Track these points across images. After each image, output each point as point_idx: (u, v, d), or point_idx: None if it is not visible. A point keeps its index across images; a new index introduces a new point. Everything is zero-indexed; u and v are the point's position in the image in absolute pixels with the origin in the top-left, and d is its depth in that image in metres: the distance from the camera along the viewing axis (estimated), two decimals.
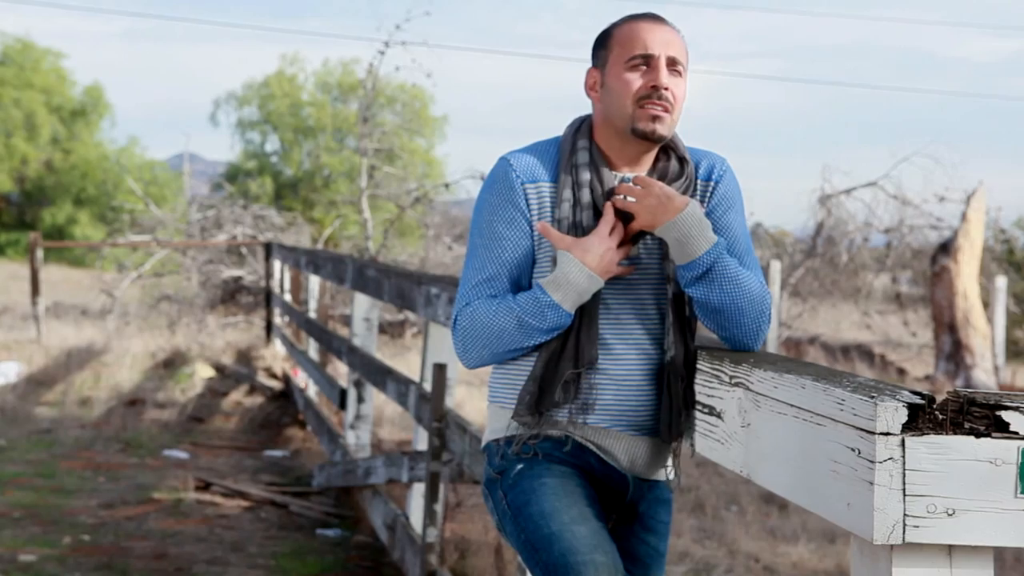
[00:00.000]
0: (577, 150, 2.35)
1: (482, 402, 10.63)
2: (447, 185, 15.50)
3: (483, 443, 2.43)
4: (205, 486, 7.03)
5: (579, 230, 2.30)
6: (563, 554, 2.10)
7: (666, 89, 2.28)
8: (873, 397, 1.69)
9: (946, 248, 13.61)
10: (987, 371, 13.26)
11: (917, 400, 1.68)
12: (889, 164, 16.07)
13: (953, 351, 13.34)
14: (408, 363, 11.30)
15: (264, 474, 7.69)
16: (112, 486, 7.16)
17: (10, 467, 7.66)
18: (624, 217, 2.32)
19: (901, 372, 14.30)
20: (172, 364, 11.59)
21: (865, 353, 15.20)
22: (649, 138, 2.30)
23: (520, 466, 2.31)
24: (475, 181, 14.91)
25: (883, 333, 16.87)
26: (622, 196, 2.30)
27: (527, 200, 2.33)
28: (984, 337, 13.37)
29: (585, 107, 2.47)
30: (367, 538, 6.07)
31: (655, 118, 2.28)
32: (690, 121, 2.46)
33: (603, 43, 2.37)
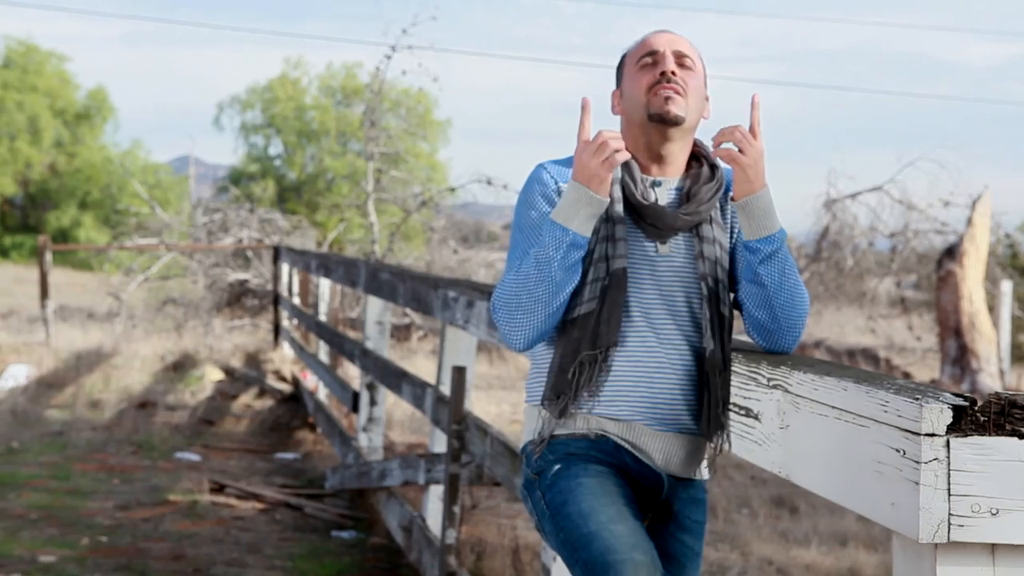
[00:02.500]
0: None
1: (490, 405, 10.66)
2: (453, 189, 15.53)
3: (521, 444, 2.47)
4: (219, 488, 7.06)
5: (611, 225, 2.37)
6: (602, 552, 2.14)
7: (674, 73, 2.39)
8: (918, 399, 1.73)
9: (952, 253, 13.64)
10: (992, 375, 13.29)
11: (960, 402, 1.72)
12: (892, 168, 16.14)
13: (959, 355, 13.37)
14: (415, 366, 11.33)
15: (276, 476, 7.73)
16: (127, 488, 7.20)
17: (24, 469, 7.70)
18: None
19: (906, 376, 14.33)
20: (181, 367, 11.64)
21: (870, 357, 15.24)
22: (665, 118, 2.38)
23: (557, 466, 2.35)
24: (481, 185, 14.96)
25: (887, 337, 16.90)
26: (729, 146, 2.33)
27: (561, 196, 2.40)
28: (989, 341, 13.41)
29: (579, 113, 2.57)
30: (382, 540, 6.10)
31: (667, 99, 2.38)
32: None
33: (620, 66, 2.53)
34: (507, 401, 11.28)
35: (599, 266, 2.34)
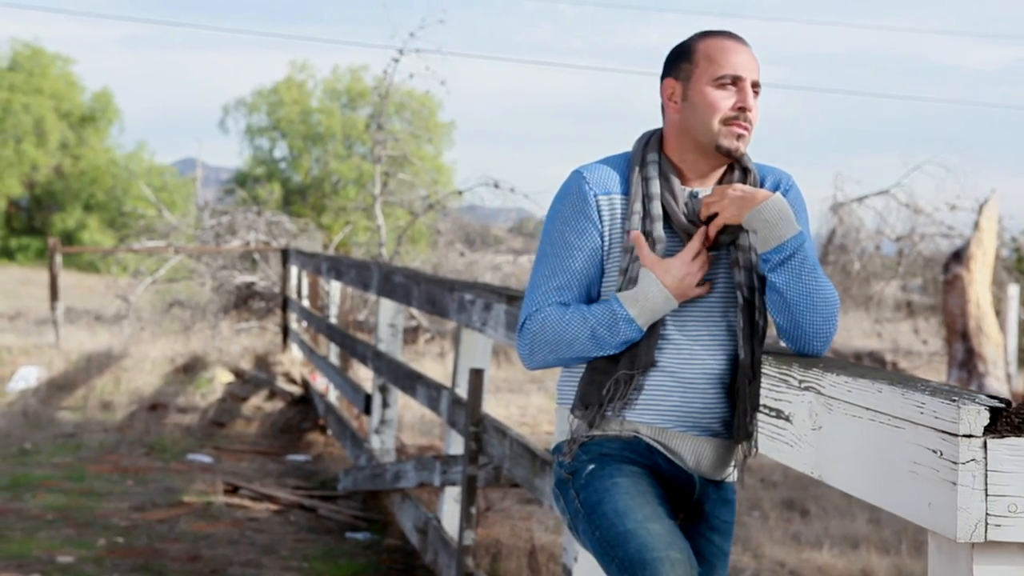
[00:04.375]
0: (647, 164, 2.42)
1: (498, 408, 10.69)
2: (460, 192, 15.55)
3: (552, 445, 2.50)
4: (233, 490, 7.10)
5: (651, 243, 2.38)
6: (639, 550, 2.17)
7: (750, 111, 2.38)
8: (954, 401, 1.76)
9: (959, 256, 13.66)
10: (999, 379, 13.30)
11: (997, 404, 1.75)
12: (898, 172, 16.15)
13: (966, 359, 13.39)
14: (423, 368, 11.36)
15: (288, 478, 7.76)
16: (141, 489, 7.23)
17: (38, 470, 7.73)
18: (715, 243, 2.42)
19: None
20: (191, 369, 11.67)
21: (877, 361, 15.27)
22: (732, 155, 2.39)
23: (592, 466, 2.38)
24: (488, 188, 14.97)
25: (893, 341, 16.93)
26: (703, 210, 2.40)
27: (599, 212, 2.40)
28: (996, 345, 13.42)
29: (580, 116, 2.58)
30: (397, 541, 6.13)
31: (739, 136, 2.38)
32: None
33: (686, 56, 2.43)
34: (515, 404, 11.31)
35: None
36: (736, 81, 2.38)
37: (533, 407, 11.19)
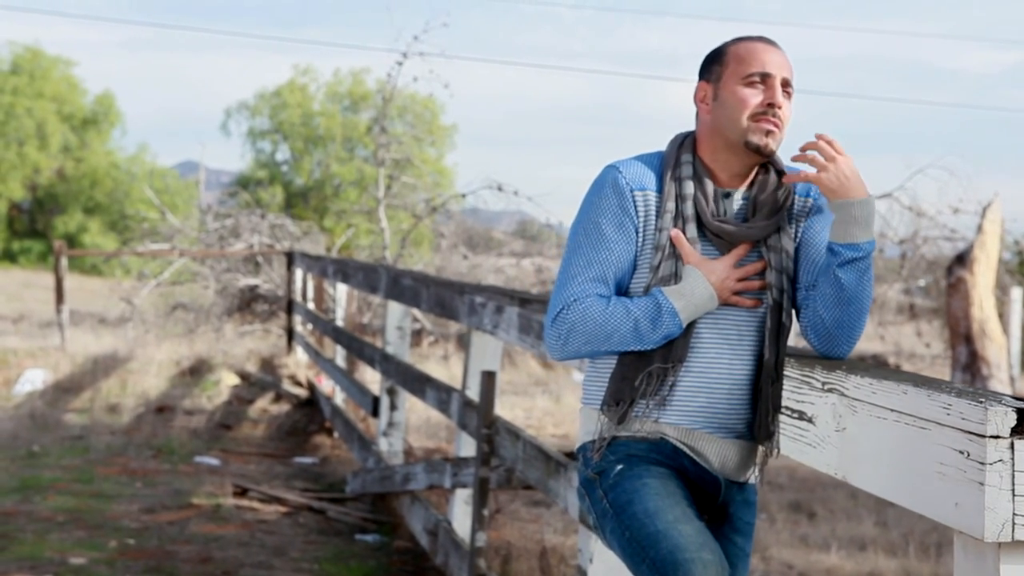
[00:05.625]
0: (681, 164, 2.43)
1: (502, 410, 10.72)
2: (464, 195, 15.57)
3: (578, 445, 2.52)
4: (242, 492, 7.12)
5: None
6: (671, 551, 2.18)
7: (780, 108, 2.39)
8: (982, 402, 1.78)
9: (962, 259, 13.68)
10: (1003, 382, 13.33)
11: (1023, 405, 1.77)
12: (898, 175, 16.17)
13: (969, 362, 13.41)
14: (428, 371, 11.34)
15: (296, 480, 7.78)
16: (150, 491, 7.25)
17: (47, 472, 7.76)
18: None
19: None
20: (197, 372, 11.69)
21: (880, 363, 15.29)
22: (761, 151, 2.39)
23: (620, 466, 2.40)
24: (491, 191, 15.00)
25: (895, 343, 16.95)
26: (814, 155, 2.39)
27: (635, 206, 2.41)
28: (1000, 348, 13.44)
29: (580, 118, 2.59)
30: (406, 543, 6.16)
31: (768, 133, 2.38)
32: None
33: (717, 59, 2.46)
34: (520, 406, 11.33)
35: (670, 284, 2.38)
36: (765, 79, 2.39)
37: (538, 410, 11.22)
